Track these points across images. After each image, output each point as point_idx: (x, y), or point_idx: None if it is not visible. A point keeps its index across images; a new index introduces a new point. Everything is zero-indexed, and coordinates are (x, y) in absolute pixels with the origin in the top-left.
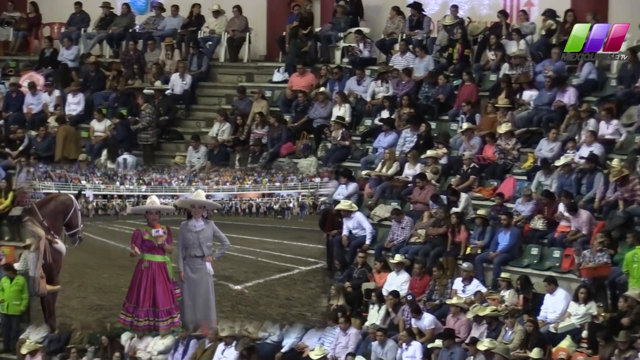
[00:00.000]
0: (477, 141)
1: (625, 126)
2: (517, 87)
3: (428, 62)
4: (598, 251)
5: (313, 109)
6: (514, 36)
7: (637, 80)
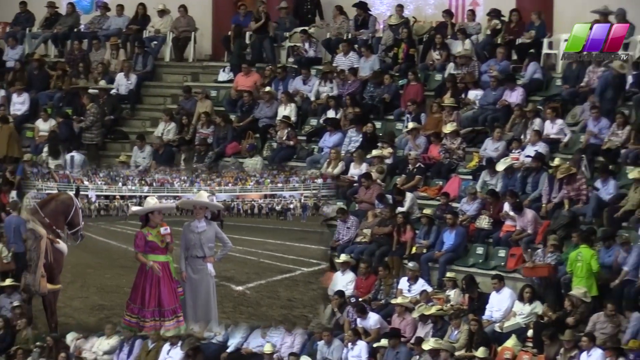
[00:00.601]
0: (423, 141)
1: (570, 125)
2: (462, 86)
3: (373, 61)
4: (550, 252)
5: (258, 108)
6: (458, 36)
7: (582, 80)
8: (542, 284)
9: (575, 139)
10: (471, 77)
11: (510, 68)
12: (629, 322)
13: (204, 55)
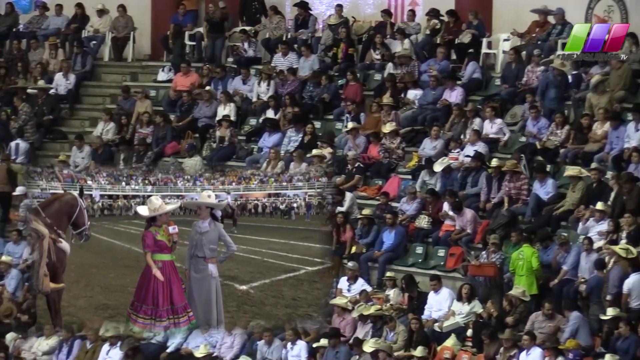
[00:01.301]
0: (362, 140)
1: (509, 125)
2: (401, 86)
3: (313, 61)
4: (492, 252)
5: (198, 108)
6: (397, 36)
7: (521, 80)
8: (486, 284)
9: (514, 139)
10: (410, 77)
11: (449, 68)
12: (568, 322)
13: (143, 55)
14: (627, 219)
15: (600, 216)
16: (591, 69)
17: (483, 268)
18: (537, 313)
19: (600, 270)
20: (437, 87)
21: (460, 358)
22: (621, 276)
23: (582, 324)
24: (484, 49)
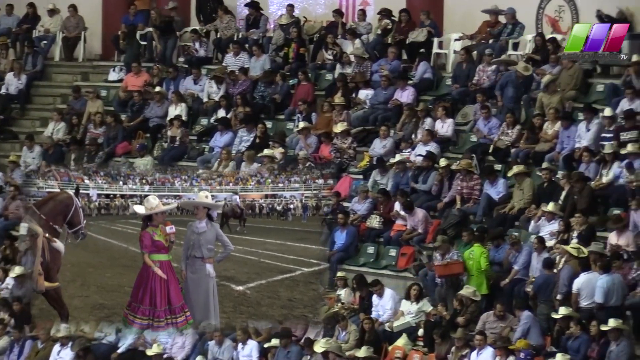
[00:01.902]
0: (314, 140)
1: (460, 125)
2: (353, 86)
3: (264, 61)
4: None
5: (149, 108)
6: (348, 36)
7: (472, 79)
8: (444, 284)
9: (465, 139)
10: (362, 77)
11: (400, 68)
12: (519, 321)
13: (94, 55)
14: (577, 219)
15: (550, 216)
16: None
17: (451, 267)
18: (489, 313)
19: (548, 270)
20: (389, 87)
21: (411, 358)
22: (571, 275)
23: (533, 323)
24: (435, 49)
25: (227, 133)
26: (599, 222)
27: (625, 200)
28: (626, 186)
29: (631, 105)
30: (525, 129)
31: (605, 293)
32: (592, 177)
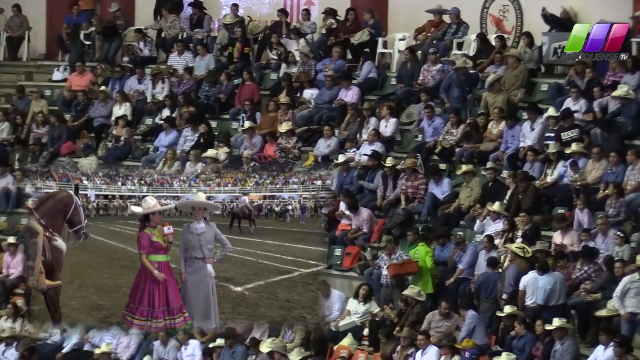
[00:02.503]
0: (258, 140)
1: (405, 125)
2: (297, 85)
3: (209, 60)
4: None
5: (93, 108)
6: (292, 36)
7: (416, 79)
8: (389, 284)
9: (410, 138)
10: (306, 76)
11: (345, 67)
12: (464, 321)
13: (37, 55)
14: (522, 218)
15: (495, 215)
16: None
17: (405, 266)
18: (434, 312)
19: (491, 268)
20: (333, 86)
21: (356, 357)
22: (517, 275)
23: (478, 323)
24: (380, 49)
25: (171, 133)
26: (543, 221)
27: (570, 200)
28: (570, 185)
29: (575, 105)
30: (469, 129)
31: (546, 293)
32: (536, 177)
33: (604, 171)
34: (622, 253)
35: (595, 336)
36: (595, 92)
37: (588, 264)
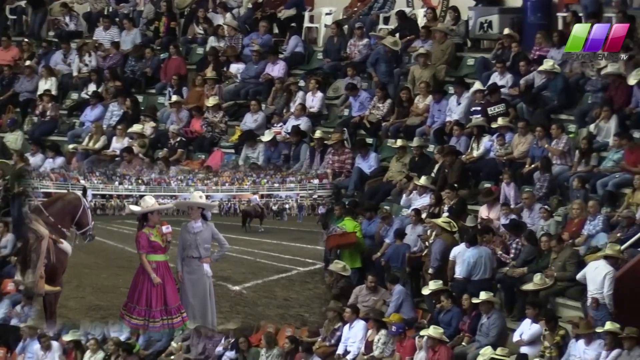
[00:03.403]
0: (185, 114)
1: (332, 99)
2: (224, 60)
3: (135, 35)
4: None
5: (19, 82)
6: (219, 10)
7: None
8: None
9: (336, 113)
10: (233, 51)
11: (271, 42)
12: (392, 295)
13: None
14: (448, 193)
15: (422, 189)
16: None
17: (346, 236)
18: (361, 286)
19: (399, 239)
20: (260, 61)
21: (283, 331)
22: (443, 249)
23: (406, 297)
24: (306, 23)
25: (97, 107)
26: (470, 196)
27: (496, 174)
28: (497, 159)
29: (502, 79)
30: (396, 103)
31: (470, 266)
32: (463, 151)
33: (529, 145)
34: (548, 227)
35: (522, 310)
36: (521, 66)
37: (515, 237)
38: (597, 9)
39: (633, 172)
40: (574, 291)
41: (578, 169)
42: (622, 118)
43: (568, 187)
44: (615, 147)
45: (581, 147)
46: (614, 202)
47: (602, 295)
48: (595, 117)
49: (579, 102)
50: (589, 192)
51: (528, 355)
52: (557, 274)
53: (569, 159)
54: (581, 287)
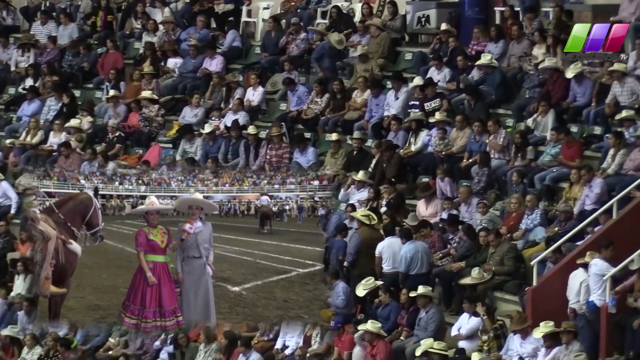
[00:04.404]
0: (123, 109)
1: (270, 93)
2: (161, 54)
3: (72, 30)
4: None
5: None
6: (157, 4)
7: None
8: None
9: (274, 107)
10: (170, 45)
11: (209, 36)
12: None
13: None
14: (386, 188)
15: (360, 184)
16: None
17: None
18: None
19: (340, 235)
20: (197, 55)
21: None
22: (359, 243)
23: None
24: (244, 18)
25: (34, 102)
26: (407, 190)
27: (434, 168)
28: (435, 154)
29: (439, 74)
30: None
31: (407, 261)
32: (400, 145)
33: (467, 140)
34: (486, 222)
35: (460, 304)
36: (459, 61)
37: (454, 232)
38: (534, 3)
39: (570, 167)
40: (512, 285)
41: (515, 163)
42: (560, 112)
43: (506, 182)
44: (552, 141)
45: (515, 142)
46: (552, 197)
47: (579, 305)
48: (532, 111)
49: (516, 96)
50: (526, 186)
51: (466, 349)
52: (495, 268)
53: (507, 154)
54: (519, 281)
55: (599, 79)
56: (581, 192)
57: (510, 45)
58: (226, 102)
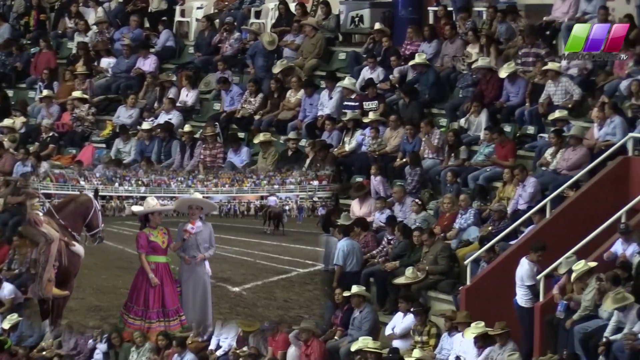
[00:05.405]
0: (56, 109)
1: (204, 93)
2: (95, 54)
3: (4, 29)
4: None
5: None
6: (91, 4)
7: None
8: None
9: (208, 107)
10: (104, 45)
11: (143, 36)
12: None
13: None
14: None
15: None
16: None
17: None
18: None
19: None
20: (131, 55)
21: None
22: None
23: None
24: (177, 17)
25: None
26: (342, 190)
27: (368, 168)
28: (368, 154)
29: (372, 73)
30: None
31: (345, 254)
32: (334, 145)
33: (401, 140)
34: (420, 221)
35: (394, 304)
36: (392, 61)
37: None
38: (466, 3)
39: (503, 166)
40: (446, 285)
41: (449, 163)
42: (493, 112)
43: (440, 181)
44: (486, 141)
45: (449, 142)
46: (485, 196)
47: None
48: (466, 111)
49: (450, 96)
50: (460, 186)
51: (400, 348)
52: (429, 267)
53: (442, 153)
54: (452, 280)
55: (532, 79)
56: (514, 192)
57: (444, 45)
58: (160, 102)
